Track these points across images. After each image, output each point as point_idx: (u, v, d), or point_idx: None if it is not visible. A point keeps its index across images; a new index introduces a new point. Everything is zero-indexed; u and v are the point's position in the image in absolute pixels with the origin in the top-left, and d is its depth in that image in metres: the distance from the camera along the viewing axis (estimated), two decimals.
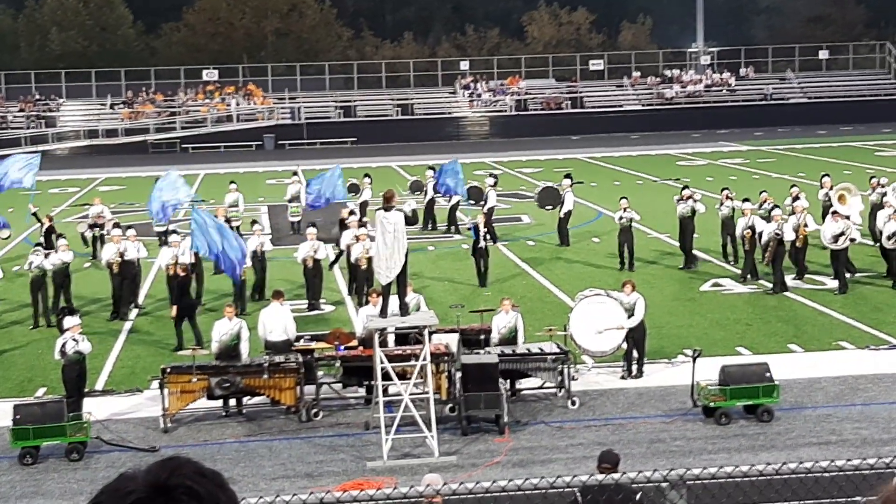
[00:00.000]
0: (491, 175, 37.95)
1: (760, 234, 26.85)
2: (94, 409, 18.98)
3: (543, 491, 6.40)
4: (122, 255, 26.20)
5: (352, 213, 29.60)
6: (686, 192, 30.47)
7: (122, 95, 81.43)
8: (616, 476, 8.35)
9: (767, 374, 18.15)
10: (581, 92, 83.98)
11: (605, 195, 41.70)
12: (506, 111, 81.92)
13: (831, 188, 30.77)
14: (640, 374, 20.45)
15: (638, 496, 11.13)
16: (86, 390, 19.22)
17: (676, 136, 73.10)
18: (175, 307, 23.30)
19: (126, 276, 26.41)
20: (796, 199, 28.99)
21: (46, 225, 31.71)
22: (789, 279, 26.82)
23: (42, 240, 30.10)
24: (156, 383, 19.22)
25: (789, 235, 26.61)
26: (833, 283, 26.67)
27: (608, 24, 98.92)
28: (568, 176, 34.87)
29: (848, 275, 26.81)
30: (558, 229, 33.36)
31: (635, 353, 20.45)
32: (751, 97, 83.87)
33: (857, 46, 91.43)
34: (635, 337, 20.34)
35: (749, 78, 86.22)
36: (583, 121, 79.71)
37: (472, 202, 37.76)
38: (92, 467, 17.08)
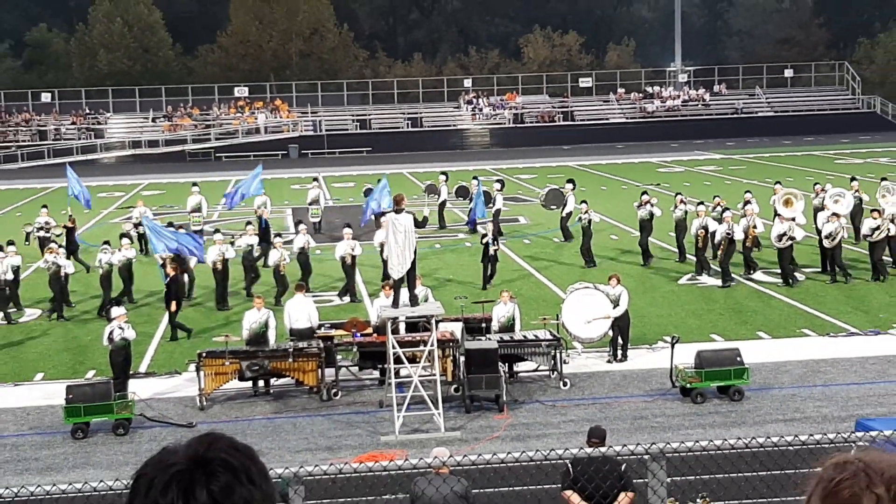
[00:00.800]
0: (498, 181, 37.96)
1: (713, 234, 26.96)
2: (138, 389, 19.00)
3: (538, 462, 6.42)
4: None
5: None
6: (644, 198, 30.58)
7: (162, 110, 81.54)
8: (603, 449, 8.35)
9: (738, 359, 18.15)
10: (572, 107, 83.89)
11: (591, 199, 41.52)
12: (504, 124, 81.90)
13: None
14: (624, 358, 20.46)
15: (623, 467, 11.13)
16: (130, 372, 19.27)
17: (657, 146, 73.07)
18: (174, 302, 23.29)
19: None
20: (747, 203, 29.02)
21: (69, 227, 31.98)
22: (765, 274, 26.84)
23: (64, 241, 30.22)
24: (193, 366, 19.25)
25: (739, 235, 26.70)
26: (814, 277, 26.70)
27: (596, 46, 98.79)
28: (570, 181, 34.94)
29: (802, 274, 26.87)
30: (561, 227, 33.45)
31: (620, 340, 20.46)
32: (723, 111, 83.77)
33: (818, 66, 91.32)
34: (620, 325, 20.35)
35: (722, 94, 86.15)
36: (573, 132, 79.68)
37: (461, 198, 38.23)
38: (136, 441, 17.11)
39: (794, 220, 26.89)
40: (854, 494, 1.82)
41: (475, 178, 39.06)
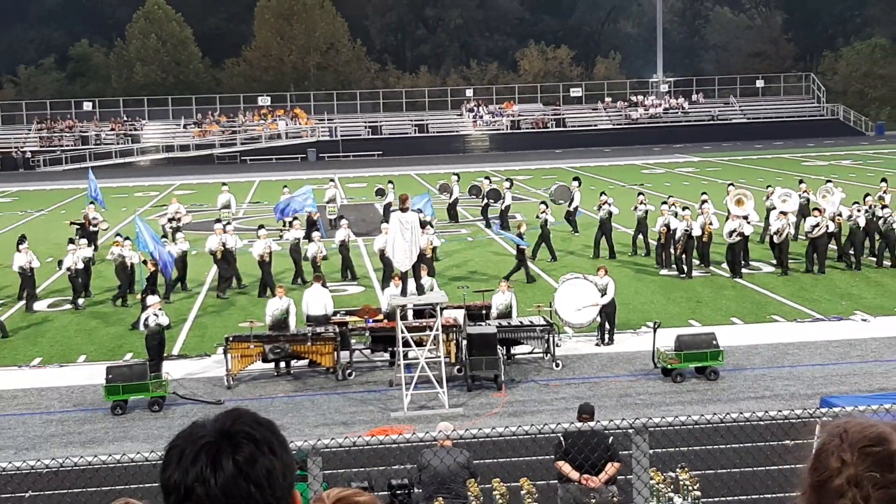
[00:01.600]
0: (507, 179, 37.97)
1: (675, 231, 26.96)
2: (171, 369, 19.04)
3: (533, 436, 6.42)
4: (224, 244, 26.19)
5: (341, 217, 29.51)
6: (602, 199, 30.53)
7: (193, 117, 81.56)
8: (592, 424, 8.36)
9: (714, 342, 18.17)
10: (563, 114, 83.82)
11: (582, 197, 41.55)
12: (502, 130, 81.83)
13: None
14: (611, 341, 20.47)
15: (610, 440, 11.14)
16: (164, 355, 19.31)
17: (640, 149, 72.96)
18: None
19: (229, 261, 26.41)
20: (704, 202, 29.02)
21: (81, 223, 32.16)
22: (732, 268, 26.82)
23: (77, 235, 30.25)
24: (221, 349, 19.28)
25: (696, 232, 26.65)
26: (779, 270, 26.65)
27: (585, 59, 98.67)
28: (576, 179, 35.12)
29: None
30: (567, 220, 33.52)
31: (607, 325, 20.47)
32: (701, 118, 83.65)
33: (787, 77, 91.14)
34: (607, 312, 20.35)
35: (699, 102, 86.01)
36: (565, 137, 79.58)
37: (473, 196, 38.26)
38: (169, 417, 17.15)
39: (746, 217, 26.96)
40: (830, 457, 1.84)
41: (487, 177, 39.18)
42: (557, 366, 18.96)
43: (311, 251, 26.24)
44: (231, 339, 18.95)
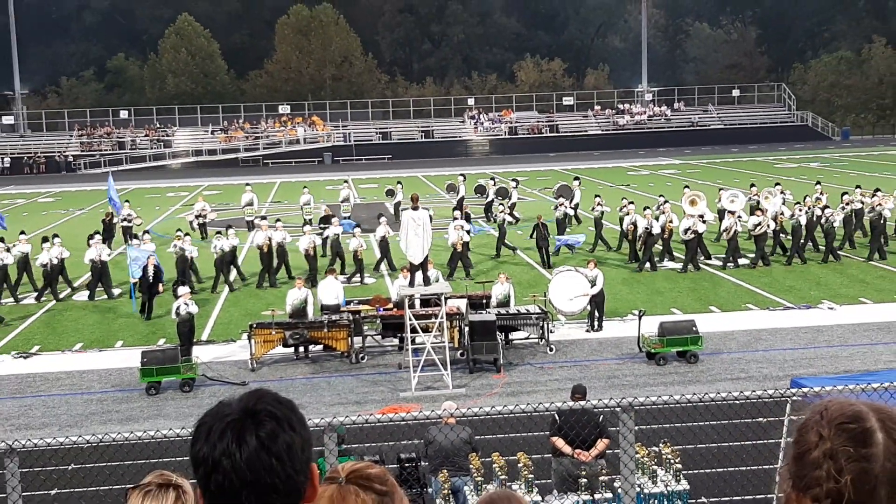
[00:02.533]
0: (513, 180, 38.03)
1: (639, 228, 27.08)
2: (200, 354, 19.08)
3: (529, 414, 6.41)
4: (270, 239, 26.12)
5: (333, 215, 29.37)
6: (560, 201, 30.59)
7: (219, 124, 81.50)
8: (583, 403, 8.34)
9: (694, 328, 18.17)
10: (556, 121, 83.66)
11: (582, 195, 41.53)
12: (501, 135, 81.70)
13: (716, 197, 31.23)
14: (600, 328, 20.47)
15: (600, 418, 11.13)
16: (194, 340, 19.33)
17: (627, 153, 72.87)
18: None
19: (279, 255, 26.29)
20: (665, 202, 29.22)
21: (106, 220, 32.29)
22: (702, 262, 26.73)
23: (102, 231, 30.37)
24: (245, 335, 19.30)
25: (657, 230, 26.69)
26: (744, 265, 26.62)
27: (577, 71, 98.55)
28: (577, 178, 35.31)
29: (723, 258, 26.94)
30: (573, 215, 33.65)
31: (596, 313, 20.48)
32: (682, 124, 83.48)
33: (760, 87, 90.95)
34: (596, 301, 20.36)
35: (680, 110, 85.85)
36: (558, 142, 79.53)
37: (478, 195, 38.22)
38: (198, 397, 17.18)
39: (702, 217, 27.01)
40: (810, 431, 1.83)
41: (492, 178, 39.25)
42: (551, 350, 18.95)
43: (352, 245, 26.12)
44: (254, 325, 18.98)
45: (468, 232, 27.71)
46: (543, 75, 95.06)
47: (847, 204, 29.45)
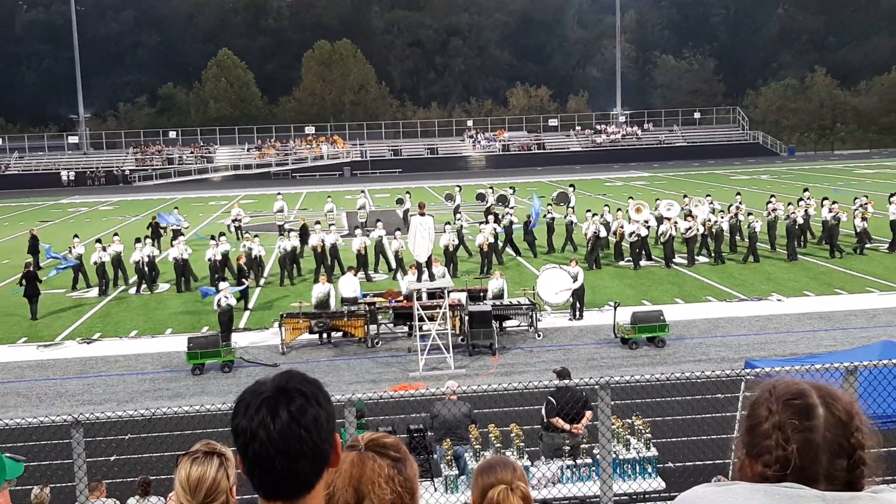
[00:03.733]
0: (510, 187, 38.08)
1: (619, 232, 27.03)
2: (238, 339, 19.10)
3: (520, 391, 6.41)
4: (323, 241, 26.05)
5: (317, 222, 28.81)
6: (509, 210, 30.62)
7: (254, 143, 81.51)
8: (567, 381, 8.34)
9: (661, 317, 18.16)
10: (543, 139, 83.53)
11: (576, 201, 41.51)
12: (496, 152, 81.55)
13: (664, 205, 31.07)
14: (581, 317, 20.46)
15: (584, 394, 11.14)
16: (233, 328, 19.35)
17: (604, 167, 72.80)
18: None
19: (333, 255, 26.22)
20: (618, 210, 29.39)
21: (153, 224, 32.65)
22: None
23: (150, 233, 30.45)
24: (276, 324, 19.31)
25: (603, 233, 26.54)
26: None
27: (560, 97, 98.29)
28: (572, 185, 35.52)
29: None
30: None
31: (578, 304, 20.48)
32: (650, 142, 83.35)
33: (718, 110, 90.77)
34: (578, 294, 20.35)
35: (649, 130, 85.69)
36: (544, 157, 79.43)
37: (479, 201, 38.24)
38: (237, 376, 17.20)
39: (646, 223, 27.05)
40: (760, 407, 1.84)
41: (490, 187, 39.20)
42: (539, 336, 18.95)
43: (393, 246, 26.11)
44: (284, 315, 19.01)
45: (495, 233, 27.48)
46: (532, 100, 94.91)
47: (772, 211, 29.07)
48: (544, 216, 30.31)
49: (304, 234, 28.50)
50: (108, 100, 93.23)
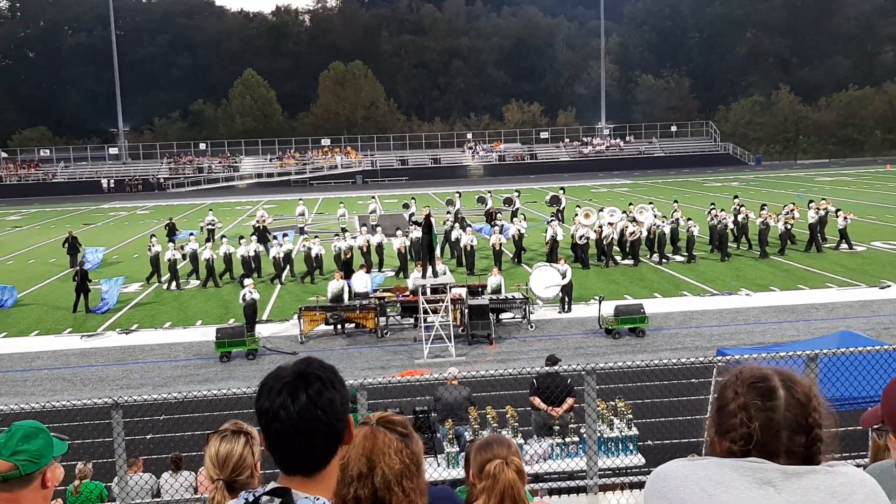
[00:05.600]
0: (516, 191, 38.10)
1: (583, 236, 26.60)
2: (262, 330, 19.11)
3: (515, 377, 6.42)
4: (368, 241, 26.00)
5: (303, 229, 28.36)
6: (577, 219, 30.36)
7: (276, 154, 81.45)
8: (556, 368, 8.34)
9: (641, 310, 18.15)
10: (535, 150, 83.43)
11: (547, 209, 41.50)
12: (493, 161, 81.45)
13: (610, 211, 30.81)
14: (569, 310, 20.44)
15: (568, 381, 11.13)
16: (256, 319, 19.36)
17: (589, 175, 72.55)
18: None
19: (377, 252, 26.25)
20: (575, 215, 29.11)
21: (170, 224, 32.78)
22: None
23: (168, 233, 30.60)
24: (295, 316, 19.31)
25: (560, 237, 26.35)
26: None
27: (551, 112, 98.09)
28: (562, 188, 35.41)
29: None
30: (559, 219, 33.19)
31: (566, 298, 20.46)
32: (632, 153, 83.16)
33: (693, 123, 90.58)
34: (566, 289, 20.34)
35: (631, 142, 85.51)
36: (536, 167, 79.27)
37: (480, 203, 38.20)
38: (260, 363, 17.21)
39: (599, 227, 26.88)
40: (727, 389, 1.85)
41: (488, 192, 39.20)
42: (532, 327, 18.95)
43: (395, 244, 26.14)
44: (303, 308, 19.00)
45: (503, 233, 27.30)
46: (525, 115, 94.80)
47: (714, 217, 28.05)
48: (544, 231, 30.11)
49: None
50: (144, 115, 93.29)
